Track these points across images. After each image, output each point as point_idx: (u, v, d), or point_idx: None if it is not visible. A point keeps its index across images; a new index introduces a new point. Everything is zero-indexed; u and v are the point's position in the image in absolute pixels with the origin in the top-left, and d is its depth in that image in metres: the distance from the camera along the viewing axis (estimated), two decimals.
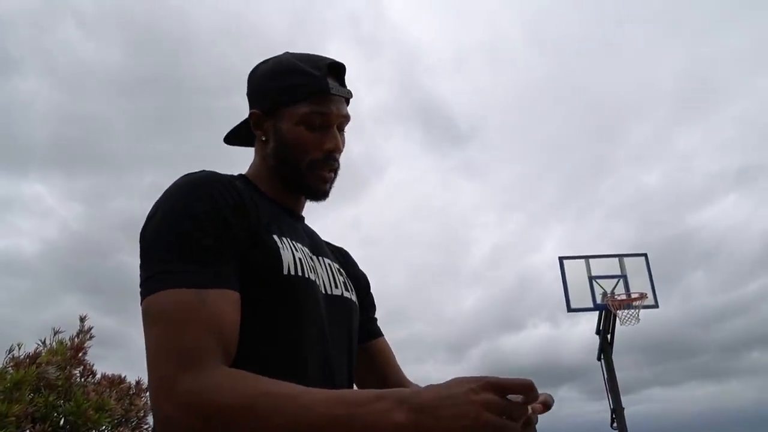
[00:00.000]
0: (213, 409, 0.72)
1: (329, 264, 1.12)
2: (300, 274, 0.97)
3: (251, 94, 1.13)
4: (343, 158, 1.13)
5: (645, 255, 9.57)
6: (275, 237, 0.97)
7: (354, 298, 1.15)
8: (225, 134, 1.21)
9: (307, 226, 1.18)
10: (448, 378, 0.73)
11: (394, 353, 1.27)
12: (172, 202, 0.90)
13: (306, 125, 1.05)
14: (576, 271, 9.54)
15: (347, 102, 1.12)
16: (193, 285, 0.81)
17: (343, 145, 1.12)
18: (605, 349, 9.34)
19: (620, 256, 9.60)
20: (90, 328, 4.95)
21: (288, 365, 0.90)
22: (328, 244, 1.24)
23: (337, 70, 1.09)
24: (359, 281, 1.26)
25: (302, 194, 1.12)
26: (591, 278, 9.38)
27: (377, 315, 1.31)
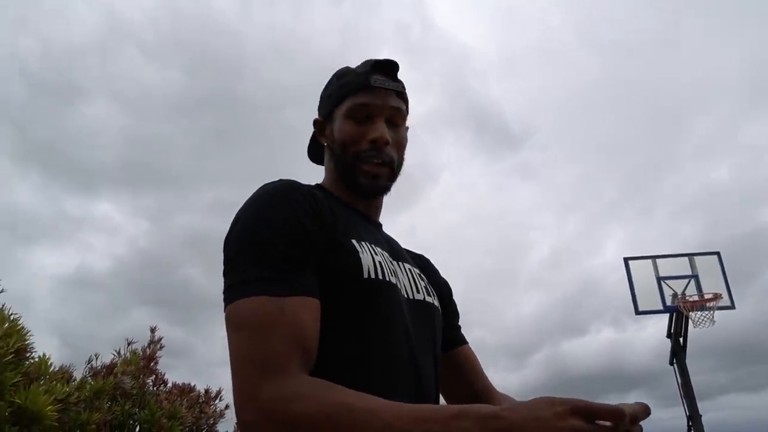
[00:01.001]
0: (295, 418, 0.72)
1: (410, 269, 1.10)
2: (381, 277, 0.95)
3: (318, 106, 1.17)
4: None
5: (717, 253, 9.08)
6: (353, 241, 0.96)
7: (437, 303, 1.12)
8: (307, 150, 1.24)
9: (385, 232, 1.16)
10: (511, 386, 0.68)
11: None
12: (251, 212, 0.91)
13: (351, 119, 1.06)
14: (643, 272, 9.16)
15: (401, 96, 1.12)
16: (272, 293, 0.82)
17: (403, 141, 1.11)
18: (678, 353, 8.90)
19: (690, 255, 9.14)
20: (160, 338, 5.16)
21: (374, 369, 0.89)
22: (408, 251, 1.23)
23: (384, 66, 1.09)
24: (441, 288, 1.23)
25: (357, 191, 1.09)
26: (659, 279, 8.98)
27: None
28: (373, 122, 1.06)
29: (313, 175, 1.16)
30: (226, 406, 5.62)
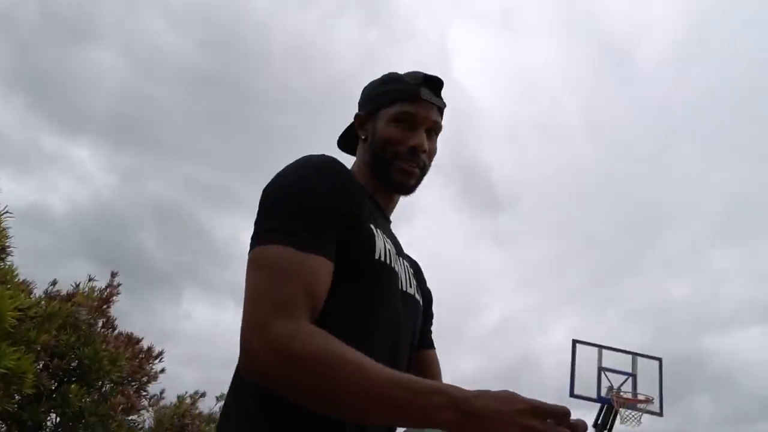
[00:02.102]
0: (295, 354, 0.81)
1: (407, 266, 1.21)
2: (388, 262, 1.06)
3: (360, 101, 1.28)
4: None
5: (660, 360, 9.39)
6: (372, 226, 1.07)
7: (421, 303, 1.24)
8: (338, 138, 1.35)
9: (392, 230, 1.26)
10: None
11: None
12: (295, 173, 1.02)
13: (396, 123, 1.16)
14: (586, 358, 9.41)
15: (441, 112, 1.23)
16: (298, 247, 0.92)
17: (435, 151, 1.23)
18: None
19: (634, 354, 9.44)
20: (119, 284, 5.14)
21: (361, 338, 0.95)
22: (406, 254, 1.32)
23: (433, 82, 1.20)
24: (426, 293, 1.35)
25: (388, 186, 1.19)
26: (600, 368, 9.23)
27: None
28: (415, 130, 1.17)
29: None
30: (162, 370, 5.60)
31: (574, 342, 9.51)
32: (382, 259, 1.05)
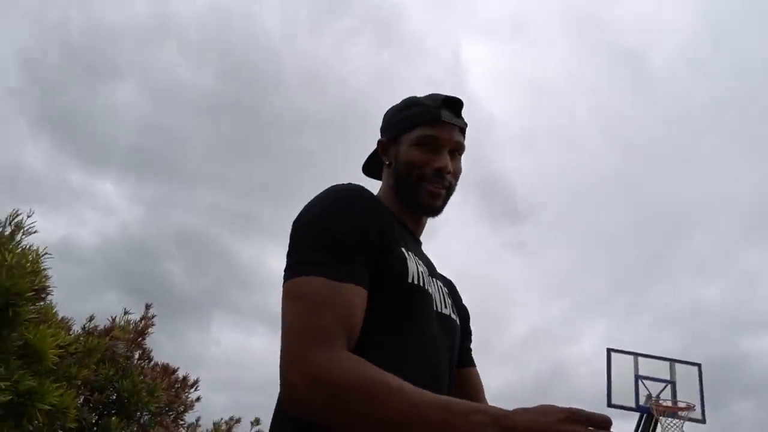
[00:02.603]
0: (336, 383, 0.82)
1: (441, 286, 1.22)
2: (421, 285, 1.07)
3: (382, 127, 1.30)
4: None
5: (699, 365, 9.18)
6: (403, 249, 1.08)
7: (458, 322, 1.24)
8: (362, 165, 1.37)
9: (423, 251, 1.26)
10: None
11: None
12: (322, 204, 1.05)
13: (419, 147, 1.17)
14: (622, 366, 9.23)
15: (462, 132, 1.24)
16: (330, 277, 0.93)
17: (459, 171, 1.24)
18: None
19: (672, 361, 9.24)
20: (153, 315, 5.23)
21: (401, 363, 0.97)
22: (440, 273, 1.33)
23: (453, 103, 1.21)
24: (462, 311, 1.35)
25: (415, 209, 1.21)
26: (637, 377, 9.05)
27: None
28: (438, 152, 1.18)
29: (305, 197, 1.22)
30: (198, 398, 5.66)
31: (609, 351, 9.35)
32: (416, 282, 1.06)
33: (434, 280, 1.19)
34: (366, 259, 0.99)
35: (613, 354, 9.30)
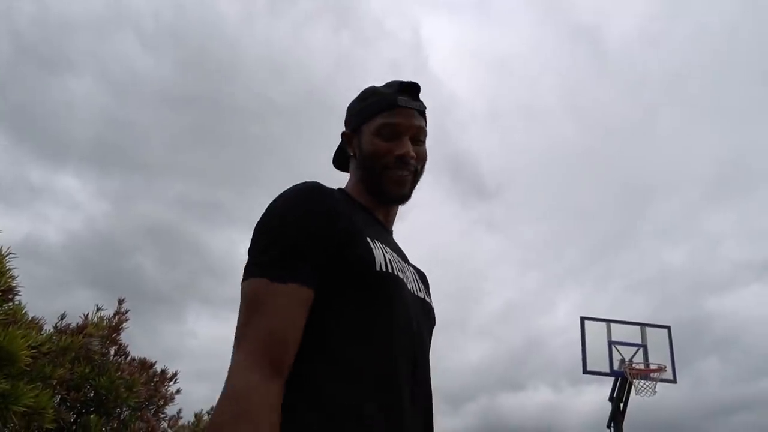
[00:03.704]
0: (217, 412, 0.87)
1: (413, 272, 1.23)
2: (391, 271, 1.06)
3: (345, 120, 1.30)
4: None
5: (668, 328, 9.50)
6: (368, 239, 1.06)
7: (432, 306, 1.25)
8: (332, 158, 1.37)
9: (395, 241, 1.26)
10: (445, 429, 0.82)
11: None
12: (274, 205, 1.05)
13: (380, 136, 1.17)
14: (596, 333, 9.50)
15: (423, 115, 1.24)
16: (274, 278, 0.95)
17: (424, 155, 1.23)
18: (616, 417, 9.19)
19: (642, 325, 9.54)
20: (127, 310, 5.13)
21: (379, 364, 0.99)
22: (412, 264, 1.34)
23: (409, 88, 1.22)
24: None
25: (382, 198, 1.21)
26: (611, 343, 9.33)
27: None
28: (399, 139, 1.17)
29: (277, 187, 1.22)
30: (178, 391, 5.60)
31: (582, 319, 9.59)
32: (384, 269, 1.05)
33: (407, 265, 1.19)
34: (316, 258, 0.99)
35: (586, 322, 9.55)
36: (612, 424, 9.22)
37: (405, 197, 1.22)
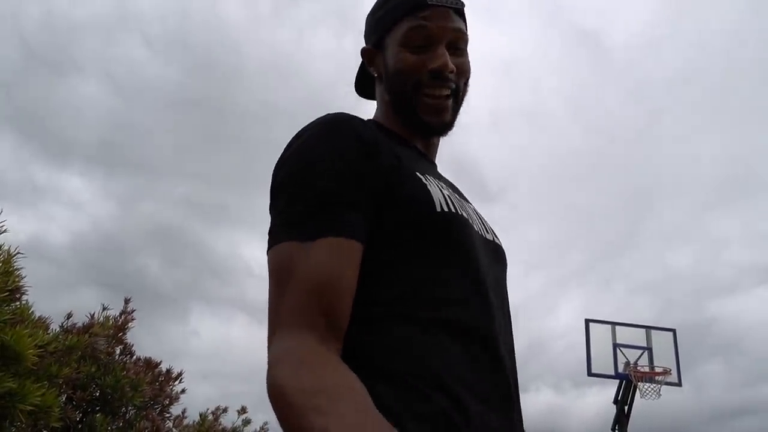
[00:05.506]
0: (270, 382, 0.67)
1: (475, 210, 1.00)
2: (453, 210, 0.85)
3: (365, 33, 1.06)
4: None
5: (673, 331, 9.46)
6: (419, 174, 0.86)
7: (503, 248, 1.01)
8: (354, 84, 1.13)
9: (443, 176, 1.03)
10: None
11: None
12: (303, 144, 0.84)
13: (407, 47, 0.93)
14: (601, 336, 9.46)
15: (461, 15, 0.98)
16: (303, 237, 0.75)
17: (466, 68, 0.98)
18: (621, 420, 9.16)
19: (647, 328, 9.50)
20: (133, 310, 5.14)
21: (451, 311, 0.79)
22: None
23: None
24: None
25: (418, 128, 0.98)
26: (615, 345, 9.29)
27: None
28: (433, 49, 0.93)
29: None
30: (183, 390, 5.61)
31: (587, 321, 9.55)
32: (446, 209, 0.83)
33: (466, 203, 0.98)
34: (358, 202, 0.79)
35: (591, 324, 9.51)
36: (617, 427, 9.18)
37: (446, 126, 0.98)
